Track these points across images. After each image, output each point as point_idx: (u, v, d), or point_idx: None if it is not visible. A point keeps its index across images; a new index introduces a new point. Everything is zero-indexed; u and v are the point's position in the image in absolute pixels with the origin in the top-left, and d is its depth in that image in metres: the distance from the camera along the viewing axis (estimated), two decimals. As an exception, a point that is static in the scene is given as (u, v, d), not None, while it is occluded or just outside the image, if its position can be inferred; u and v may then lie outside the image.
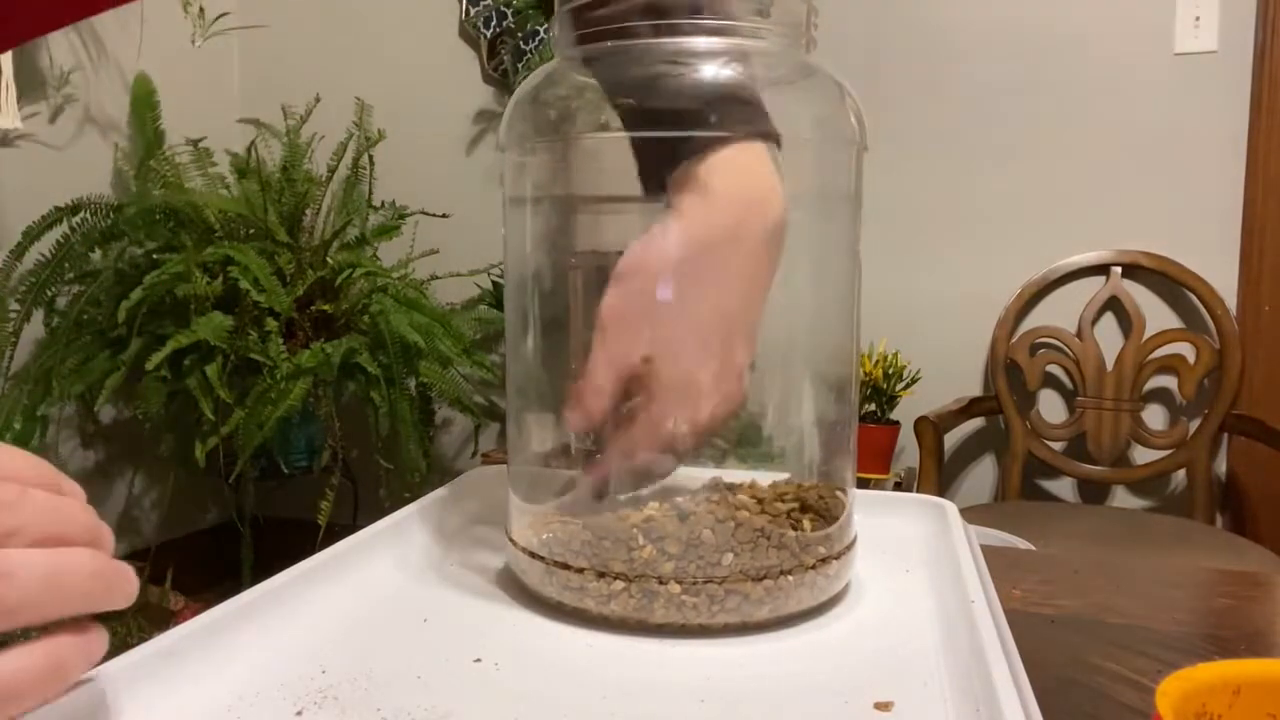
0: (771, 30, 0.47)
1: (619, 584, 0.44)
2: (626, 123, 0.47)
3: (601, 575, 0.45)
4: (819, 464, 0.52)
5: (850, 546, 0.49)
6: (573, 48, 0.49)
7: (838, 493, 0.50)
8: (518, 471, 0.52)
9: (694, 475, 0.50)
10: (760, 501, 0.48)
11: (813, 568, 0.46)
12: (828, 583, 0.47)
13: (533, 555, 0.47)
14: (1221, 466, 1.97)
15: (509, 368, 0.53)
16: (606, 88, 0.47)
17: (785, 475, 0.51)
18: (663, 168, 0.45)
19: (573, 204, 0.53)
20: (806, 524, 0.47)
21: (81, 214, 1.98)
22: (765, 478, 0.51)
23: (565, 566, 0.45)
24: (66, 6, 0.47)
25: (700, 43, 0.44)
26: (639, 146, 0.46)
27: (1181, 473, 1.92)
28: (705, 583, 0.44)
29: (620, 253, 0.46)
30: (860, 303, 0.52)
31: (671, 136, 0.46)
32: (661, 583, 0.44)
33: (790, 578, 0.45)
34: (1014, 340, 2.00)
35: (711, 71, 0.44)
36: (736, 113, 0.44)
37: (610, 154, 0.50)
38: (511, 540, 0.49)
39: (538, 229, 0.52)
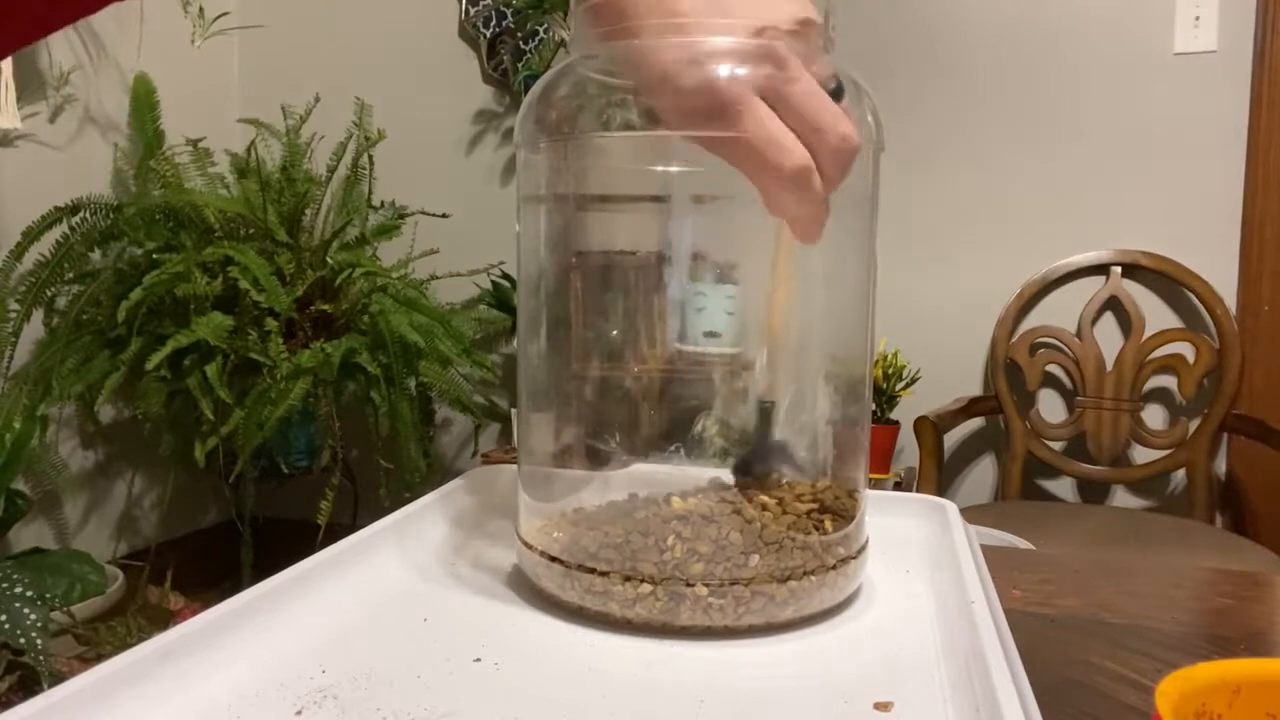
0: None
1: (646, 587, 0.44)
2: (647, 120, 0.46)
3: (628, 579, 0.44)
4: (833, 464, 0.52)
5: (865, 546, 0.49)
6: (594, 45, 0.48)
7: (852, 493, 0.50)
8: (528, 472, 0.52)
9: (699, 475, 0.50)
10: (781, 502, 0.48)
11: (833, 568, 0.46)
12: (846, 582, 0.47)
13: (551, 559, 0.47)
14: (1221, 466, 1.97)
15: (520, 367, 0.53)
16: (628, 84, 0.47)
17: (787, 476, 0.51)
18: None
19: (588, 203, 0.53)
20: (828, 524, 0.47)
21: (81, 214, 1.98)
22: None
23: (589, 570, 0.45)
24: (62, 7, 0.47)
25: (719, 42, 0.44)
26: None
27: (1181, 472, 1.92)
28: (732, 584, 0.44)
29: (629, 252, 0.46)
30: (875, 304, 0.52)
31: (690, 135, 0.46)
32: (689, 585, 0.44)
33: (813, 578, 0.45)
34: (1014, 340, 2.00)
35: (728, 70, 0.44)
36: None
37: (629, 153, 0.50)
38: (525, 543, 0.49)
39: (553, 228, 0.52)
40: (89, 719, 0.34)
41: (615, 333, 0.53)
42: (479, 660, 0.41)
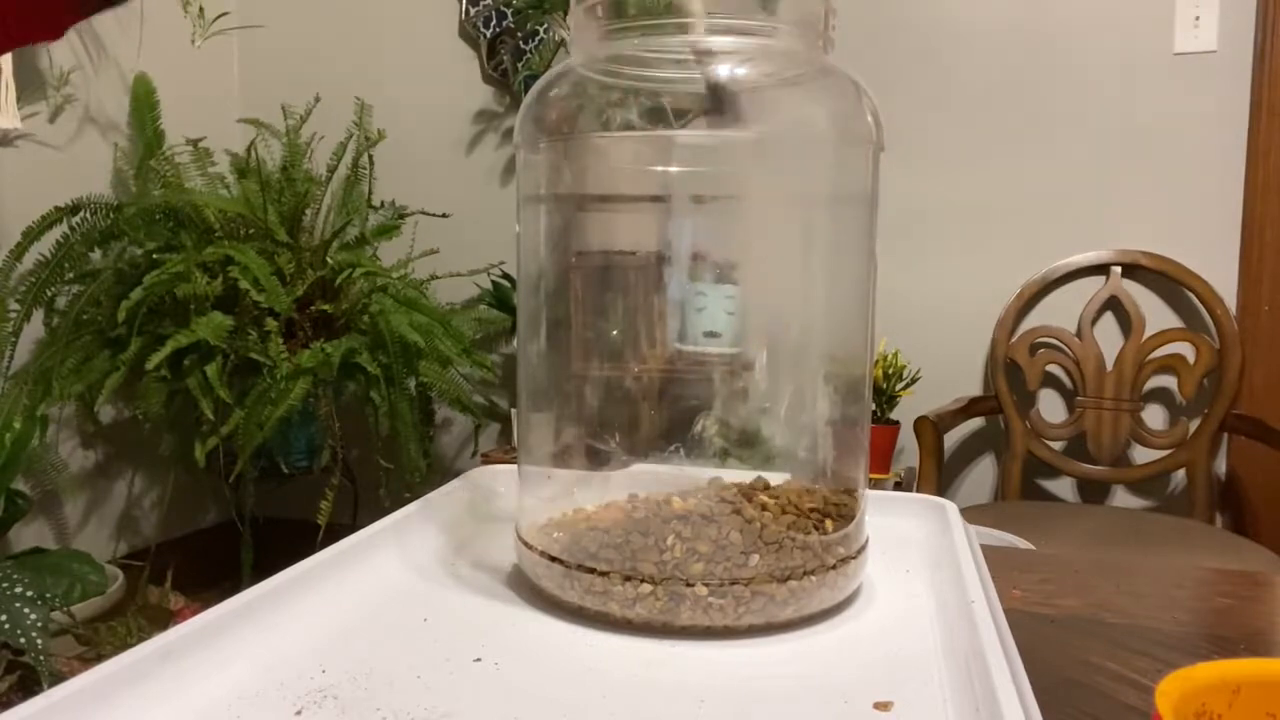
0: (789, 30, 0.47)
1: (646, 586, 0.44)
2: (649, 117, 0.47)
3: (628, 578, 0.44)
4: (833, 464, 0.52)
5: (865, 546, 0.49)
6: (594, 45, 0.49)
7: (852, 492, 0.50)
8: (528, 472, 0.52)
9: (699, 475, 0.50)
10: (780, 501, 0.48)
11: (833, 568, 0.46)
12: (846, 582, 0.47)
13: (551, 559, 0.46)
14: (1221, 466, 1.97)
15: (520, 366, 0.53)
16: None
17: (786, 475, 0.51)
18: None
19: (588, 203, 0.52)
20: (828, 524, 0.47)
21: (81, 214, 1.98)
22: (767, 476, 0.51)
23: (589, 570, 0.45)
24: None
25: (718, 41, 0.44)
26: None
27: (1181, 472, 1.92)
28: (732, 584, 0.44)
29: (629, 252, 0.46)
30: (875, 303, 0.52)
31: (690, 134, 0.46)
32: (689, 585, 0.44)
33: (813, 578, 0.45)
34: (1014, 340, 2.00)
35: (727, 70, 0.44)
36: None
37: (629, 153, 0.50)
38: (525, 543, 0.49)
39: (553, 228, 0.52)
40: (89, 719, 0.34)
41: (615, 333, 0.53)
42: (479, 660, 0.41)
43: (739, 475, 0.50)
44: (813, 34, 0.48)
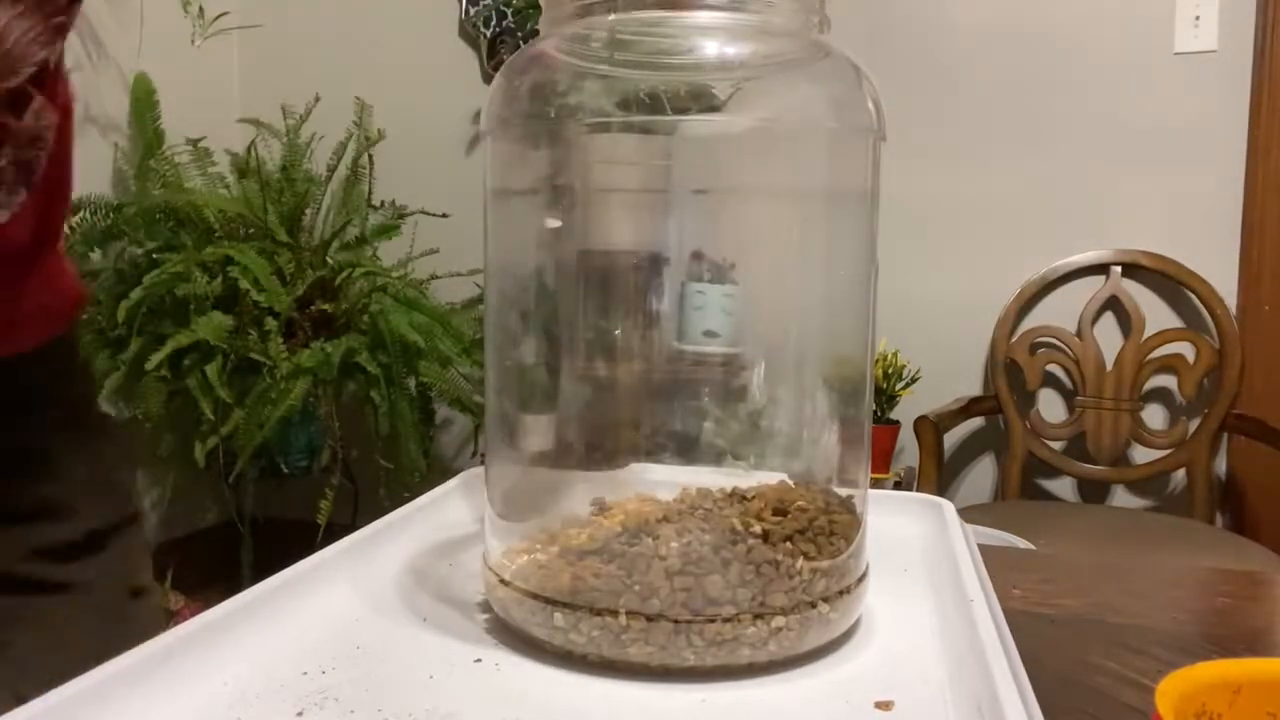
0: (782, 5, 0.44)
1: (637, 624, 0.40)
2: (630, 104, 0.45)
3: (630, 613, 0.40)
4: (834, 465, 0.51)
5: (866, 573, 0.46)
6: (566, 23, 0.45)
7: (853, 496, 0.47)
8: (497, 479, 0.48)
9: (698, 476, 0.49)
10: (782, 526, 0.43)
11: (841, 594, 0.43)
12: (842, 619, 0.44)
13: (534, 597, 0.41)
14: (1221, 466, 1.97)
15: (489, 365, 0.49)
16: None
17: (783, 476, 0.51)
18: None
19: (560, 195, 0.51)
20: (831, 544, 0.43)
21: (81, 213, 1.98)
22: (765, 478, 0.51)
23: (599, 612, 0.40)
24: None
25: (705, 18, 0.42)
26: None
27: (1181, 472, 1.92)
28: (757, 617, 0.40)
29: (629, 251, 0.45)
30: (876, 301, 0.49)
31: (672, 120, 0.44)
32: (692, 621, 0.40)
33: (829, 604, 0.42)
34: (1014, 340, 2.00)
35: (716, 48, 0.42)
36: None
37: (602, 144, 0.48)
38: (500, 579, 0.43)
39: (521, 222, 0.51)
40: (89, 719, 0.34)
41: (617, 332, 0.53)
42: (479, 661, 0.41)
43: (738, 476, 0.50)
44: (808, 10, 0.45)
